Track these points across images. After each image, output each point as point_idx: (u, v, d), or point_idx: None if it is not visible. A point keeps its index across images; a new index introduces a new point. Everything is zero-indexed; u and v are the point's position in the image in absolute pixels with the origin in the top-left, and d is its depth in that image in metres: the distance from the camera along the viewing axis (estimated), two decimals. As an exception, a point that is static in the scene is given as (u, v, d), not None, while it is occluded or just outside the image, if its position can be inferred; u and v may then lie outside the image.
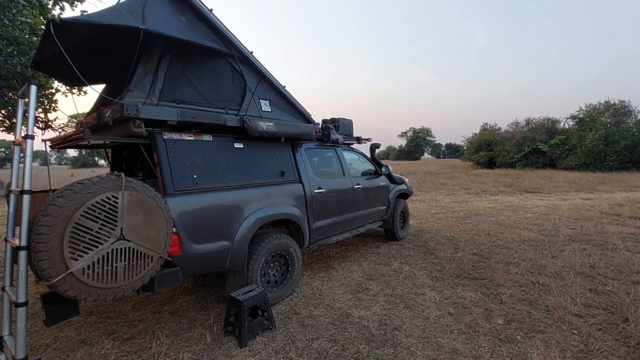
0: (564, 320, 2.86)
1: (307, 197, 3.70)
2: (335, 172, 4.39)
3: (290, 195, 3.52)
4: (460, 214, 7.92)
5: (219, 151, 2.98)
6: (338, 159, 4.45)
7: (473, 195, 11.67)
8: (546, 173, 20.41)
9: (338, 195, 4.16)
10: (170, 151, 2.64)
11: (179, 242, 2.54)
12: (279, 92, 3.57)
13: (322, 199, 3.89)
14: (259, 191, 3.19)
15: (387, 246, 5.24)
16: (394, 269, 4.19)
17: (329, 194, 3.99)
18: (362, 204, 4.62)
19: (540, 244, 5.18)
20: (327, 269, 4.27)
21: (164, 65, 2.71)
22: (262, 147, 3.40)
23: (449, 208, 8.90)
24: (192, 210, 2.65)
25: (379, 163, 5.19)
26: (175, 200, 2.55)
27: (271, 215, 3.21)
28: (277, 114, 3.57)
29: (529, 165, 25.83)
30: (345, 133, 4.78)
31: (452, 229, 6.34)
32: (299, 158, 3.79)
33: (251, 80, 3.30)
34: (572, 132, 25.05)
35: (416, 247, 5.14)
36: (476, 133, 33.53)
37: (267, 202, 3.23)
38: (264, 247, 3.15)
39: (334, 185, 4.13)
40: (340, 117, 4.77)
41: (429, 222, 7.12)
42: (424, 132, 79.43)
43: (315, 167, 4.05)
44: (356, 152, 4.97)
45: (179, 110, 2.67)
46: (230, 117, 3.04)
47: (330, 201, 4.02)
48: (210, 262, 2.79)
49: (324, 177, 4.12)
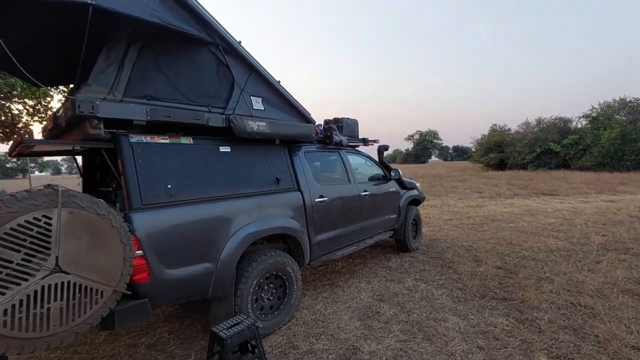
0: (622, 356, 2.32)
1: (307, 207, 3.22)
2: (339, 178, 3.91)
3: (286, 206, 3.05)
4: (476, 220, 7.35)
5: (200, 156, 2.53)
6: (342, 163, 3.98)
7: (487, 199, 11.06)
8: (560, 174, 19.60)
9: (343, 203, 3.68)
10: (138, 157, 2.20)
11: (146, 267, 2.09)
12: (273, 88, 3.12)
13: (325, 209, 3.41)
14: (249, 202, 2.73)
15: (398, 259, 4.73)
16: (408, 287, 3.68)
17: (332, 203, 3.51)
18: (370, 213, 4.13)
19: (571, 255, 4.61)
20: (331, 287, 3.77)
21: (132, 54, 2.28)
22: (253, 150, 2.94)
23: (463, 213, 8.33)
24: (165, 228, 2.19)
25: (388, 167, 4.70)
26: (142, 216, 2.10)
27: (263, 230, 2.74)
28: (272, 112, 3.12)
29: (541, 166, 24.97)
30: (349, 134, 4.31)
31: (469, 238, 5.79)
32: (297, 163, 3.32)
33: (240, 74, 2.86)
34: (586, 131, 24.19)
35: (431, 260, 4.61)
36: (485, 134, 32.73)
37: (259, 214, 2.76)
38: (255, 267, 2.67)
39: (338, 193, 3.65)
40: (344, 117, 4.31)
41: (443, 229, 6.57)
42: (430, 134, 78.54)
43: (317, 173, 3.58)
44: (362, 155, 4.49)
45: (149, 108, 2.23)
46: (214, 116, 2.60)
47: (333, 211, 3.54)
48: (188, 289, 2.33)
49: (327, 183, 3.64)
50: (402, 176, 4.85)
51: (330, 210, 3.48)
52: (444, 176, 21.98)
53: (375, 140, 4.68)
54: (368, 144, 4.54)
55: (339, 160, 3.98)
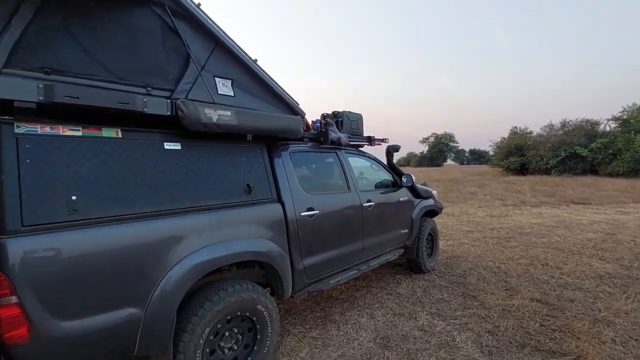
0: None
1: (290, 223, 2.48)
2: (336, 185, 3.16)
3: (260, 222, 2.31)
4: (501, 233, 6.44)
5: (132, 155, 1.83)
6: (340, 166, 3.22)
7: (511, 208, 10.05)
8: (589, 180, 18.20)
9: (339, 217, 2.93)
10: (26, 155, 1.51)
11: (23, 319, 1.39)
12: (247, 69, 2.40)
13: (315, 225, 2.67)
14: (203, 219, 2.01)
15: (410, 282, 3.92)
16: (421, 326, 2.88)
17: (325, 217, 2.76)
18: (375, 228, 3.36)
19: (627, 284, 3.70)
20: (324, 321, 3.02)
21: (26, 12, 1.59)
22: (215, 149, 2.22)
23: (485, 224, 7.42)
24: (59, 260, 1.49)
25: (399, 171, 3.91)
26: (20, 243, 1.41)
27: (222, 258, 2.01)
28: (245, 100, 2.41)
29: (566, 171, 23.47)
30: (352, 131, 3.55)
31: (495, 256, 4.92)
32: (278, 166, 2.59)
33: (198, 47, 2.15)
34: (616, 134, 22.58)
35: (451, 286, 3.79)
36: (505, 137, 31.24)
37: (218, 235, 2.04)
38: (210, 309, 1.94)
39: (333, 204, 2.90)
40: (344, 111, 3.55)
41: (463, 244, 5.71)
42: (446, 137, 76.55)
43: (306, 179, 2.85)
44: (367, 157, 3.72)
45: (43, 85, 1.53)
46: (155, 101, 1.89)
47: (327, 227, 2.79)
48: (99, 347, 1.62)
49: (319, 192, 2.90)
50: (416, 182, 4.05)
51: (321, 227, 2.73)
52: (461, 181, 20.84)
53: (383, 140, 3.90)
54: (374, 144, 3.76)
55: (337, 163, 3.22)
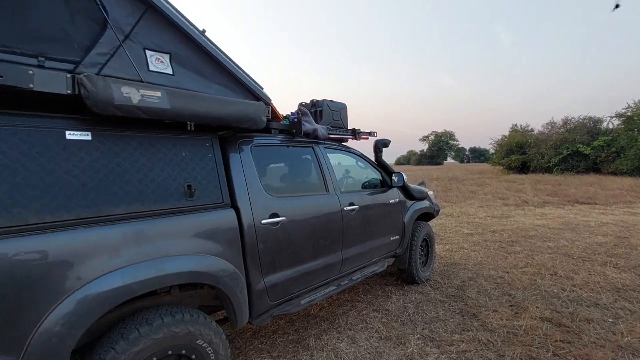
0: None
1: (247, 234, 2.01)
2: (311, 186, 2.68)
3: (204, 233, 1.83)
4: (503, 236, 5.96)
5: (12, 148, 1.36)
6: (318, 163, 2.73)
7: (513, 208, 9.56)
8: (592, 179, 17.73)
9: (313, 224, 2.45)
10: None
11: None
12: (191, 42, 1.92)
13: (281, 235, 2.19)
14: (115, 232, 1.53)
15: (401, 296, 3.45)
16: (411, 355, 2.40)
17: (294, 225, 2.28)
18: (360, 236, 2.88)
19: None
20: (296, 347, 2.54)
21: None
22: (142, 141, 1.74)
23: (486, 226, 6.94)
24: None
25: (389, 170, 3.43)
26: None
27: (139, 284, 1.52)
28: (190, 80, 1.93)
29: (568, 170, 22.99)
30: (334, 123, 3.07)
31: (497, 263, 4.45)
32: (235, 163, 2.11)
33: (121, 10, 1.66)
34: (620, 132, 22.07)
35: (448, 300, 3.32)
36: (506, 136, 30.69)
37: (139, 253, 1.56)
38: (124, 351, 1.46)
39: (305, 209, 2.42)
40: (325, 99, 3.07)
41: (463, 249, 5.23)
42: (447, 136, 75.86)
43: (272, 179, 2.38)
44: (352, 154, 3.24)
45: None
46: (47, 75, 1.42)
47: (296, 236, 2.31)
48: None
49: (288, 194, 2.42)
50: (409, 182, 3.58)
51: (289, 236, 2.25)
52: (461, 179, 20.35)
53: (371, 133, 3.41)
54: (360, 138, 3.28)
55: (313, 160, 2.74)
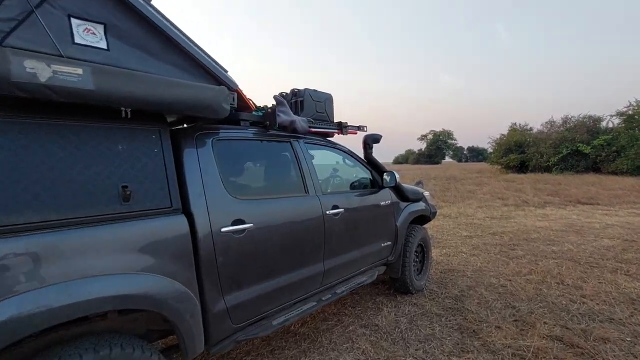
0: None
1: (203, 244, 1.66)
2: (287, 186, 2.34)
3: (142, 247, 1.48)
4: (504, 239, 5.64)
5: None
6: (296, 161, 2.38)
7: (513, 208, 9.25)
8: (593, 178, 17.45)
9: (288, 231, 2.10)
10: None
11: None
12: (132, 12, 1.56)
13: (246, 244, 1.84)
14: (15, 247, 1.17)
15: (393, 308, 3.11)
16: (401, 383, 2.07)
17: (263, 232, 1.94)
18: (345, 243, 2.54)
19: (669, 312, 2.91)
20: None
21: None
22: (61, 130, 1.39)
23: (485, 227, 6.61)
24: None
25: (380, 168, 3.09)
26: None
27: (43, 314, 1.17)
28: (131, 58, 1.56)
29: (567, 169, 22.72)
30: (316, 115, 2.73)
31: (498, 269, 4.12)
32: (190, 159, 1.76)
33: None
34: (620, 131, 21.81)
35: (444, 314, 2.98)
36: (504, 134, 30.41)
37: (47, 274, 1.21)
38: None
39: (278, 213, 2.07)
40: (307, 88, 2.72)
41: (461, 253, 4.90)
42: (445, 134, 75.60)
43: (238, 178, 2.03)
44: (338, 150, 2.89)
45: None
46: None
47: (266, 246, 1.96)
48: None
49: (258, 196, 2.07)
50: (405, 181, 3.24)
51: (257, 246, 1.90)
52: (459, 178, 20.06)
53: (360, 127, 3.07)
54: (347, 133, 2.93)
55: (290, 157, 2.39)
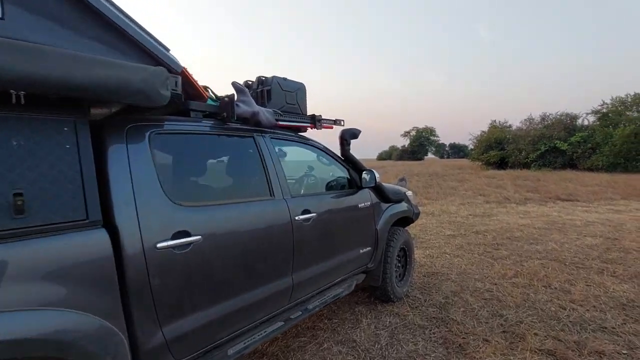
0: None
1: (131, 266, 1.31)
2: (247, 189, 2.01)
3: (43, 273, 1.12)
4: (487, 238, 5.48)
5: None
6: (259, 159, 2.05)
7: (495, 205, 9.20)
8: (570, 175, 17.82)
9: (247, 242, 1.78)
10: None
11: None
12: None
13: (192, 261, 1.51)
14: None
15: (373, 319, 2.84)
16: (379, 417, 1.79)
17: (215, 246, 1.60)
18: (318, 251, 2.23)
19: (662, 318, 2.75)
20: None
21: None
22: None
23: (468, 226, 6.46)
24: None
25: (359, 166, 2.79)
26: None
27: None
28: (35, 27, 1.19)
29: (545, 165, 23.24)
30: (287, 107, 2.40)
31: (483, 271, 3.92)
32: (116, 157, 1.40)
33: None
34: (595, 128, 22.44)
35: (428, 325, 2.73)
36: (485, 131, 30.88)
37: None
38: None
39: (234, 221, 1.74)
40: (275, 76, 2.39)
41: (445, 253, 4.69)
42: (427, 131, 76.46)
43: (183, 180, 1.68)
44: (311, 146, 2.57)
45: None
46: None
47: (219, 262, 1.63)
48: None
49: (209, 202, 1.73)
50: (388, 179, 2.95)
51: (207, 263, 1.57)
52: (442, 174, 20.12)
53: (336, 121, 2.76)
54: (321, 127, 2.61)
55: (253, 154, 2.05)
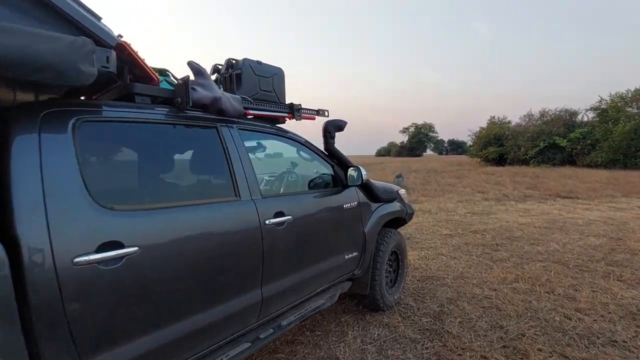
0: None
1: (36, 287, 1.03)
2: (207, 189, 1.73)
3: None
4: (486, 238, 5.22)
5: None
6: (224, 154, 1.76)
7: (493, 202, 8.94)
8: (569, 171, 17.58)
9: (200, 253, 1.49)
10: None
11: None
12: None
13: (126, 279, 1.22)
14: None
15: (360, 331, 2.57)
16: None
17: (158, 259, 1.32)
18: (294, 260, 1.96)
19: (678, 330, 2.50)
20: None
21: None
22: None
23: (466, 225, 6.20)
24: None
25: (344, 162, 2.50)
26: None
27: None
28: None
29: (544, 162, 23.02)
30: (260, 94, 2.11)
31: (482, 275, 3.66)
32: (21, 151, 1.11)
33: None
34: (594, 124, 22.21)
35: (421, 338, 2.47)
36: (484, 127, 30.60)
37: None
38: None
39: (185, 228, 1.46)
40: (246, 58, 2.09)
41: (441, 255, 4.43)
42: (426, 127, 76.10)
43: (115, 179, 1.40)
44: (290, 139, 2.28)
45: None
46: None
47: (163, 278, 1.35)
48: None
49: (152, 205, 1.45)
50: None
51: (146, 280, 1.28)
52: (440, 171, 19.87)
53: (319, 112, 2.46)
54: (301, 118, 2.32)
55: (216, 148, 1.76)
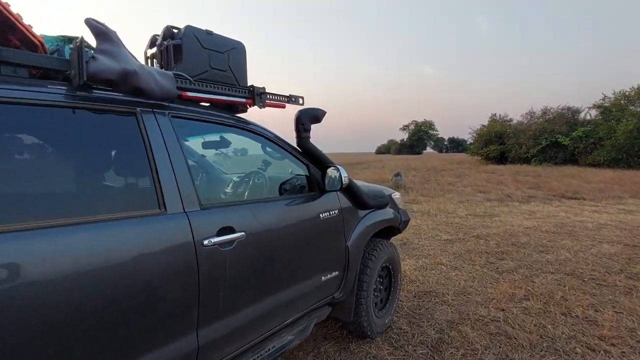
0: None
1: None
2: (113, 199, 1.25)
3: None
4: (490, 244, 4.77)
5: None
6: (145, 150, 1.29)
7: (496, 203, 8.49)
8: (571, 170, 17.15)
9: (98, 289, 1.03)
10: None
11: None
12: None
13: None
14: None
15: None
16: None
17: (31, 299, 0.86)
18: (246, 290, 1.49)
19: None
20: None
21: None
22: None
23: (468, 228, 5.75)
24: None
25: (324, 160, 2.02)
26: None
27: None
28: None
29: (546, 160, 22.55)
30: (210, 73, 1.63)
31: (487, 291, 3.20)
32: None
33: None
34: (597, 123, 21.72)
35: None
36: (485, 125, 30.09)
37: None
38: None
39: (72, 253, 0.99)
40: (190, 25, 1.62)
41: (440, 265, 3.97)
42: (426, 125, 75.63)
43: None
44: (253, 132, 1.81)
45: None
46: None
47: (40, 326, 0.88)
48: None
49: (18, 224, 0.97)
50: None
51: (12, 329, 0.83)
52: (440, 169, 19.42)
53: (290, 98, 1.99)
54: (265, 105, 1.84)
55: (134, 142, 1.29)
